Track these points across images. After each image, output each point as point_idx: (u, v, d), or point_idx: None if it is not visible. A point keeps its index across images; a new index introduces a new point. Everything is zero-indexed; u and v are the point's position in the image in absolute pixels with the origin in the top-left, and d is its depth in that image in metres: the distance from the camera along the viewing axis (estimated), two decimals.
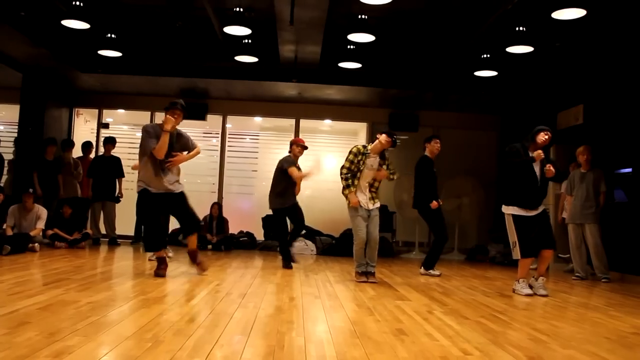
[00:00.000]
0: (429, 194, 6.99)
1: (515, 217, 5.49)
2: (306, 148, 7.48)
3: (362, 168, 6.06)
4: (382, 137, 6.09)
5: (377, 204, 6.17)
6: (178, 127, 5.74)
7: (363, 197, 6.09)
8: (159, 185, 5.60)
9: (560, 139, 9.36)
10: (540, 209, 5.57)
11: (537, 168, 5.56)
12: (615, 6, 6.70)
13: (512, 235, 5.53)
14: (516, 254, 5.49)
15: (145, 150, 5.58)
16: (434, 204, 6.92)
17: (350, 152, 6.16)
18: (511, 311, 4.41)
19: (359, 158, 6.07)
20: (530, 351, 3.03)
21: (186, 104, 5.65)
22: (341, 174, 6.13)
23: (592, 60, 8.27)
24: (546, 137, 5.64)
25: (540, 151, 5.57)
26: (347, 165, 6.09)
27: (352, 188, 6.02)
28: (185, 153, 5.89)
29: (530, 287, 5.52)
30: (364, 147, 6.18)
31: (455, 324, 3.73)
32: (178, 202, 5.75)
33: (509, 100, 10.68)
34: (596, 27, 7.25)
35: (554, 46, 8.11)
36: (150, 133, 5.57)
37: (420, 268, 7.06)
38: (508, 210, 5.55)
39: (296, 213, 7.31)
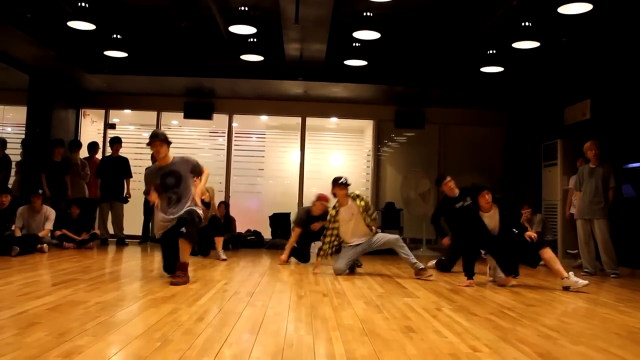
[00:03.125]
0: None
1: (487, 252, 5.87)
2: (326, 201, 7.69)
3: (337, 226, 6.49)
4: (335, 189, 6.51)
5: (374, 232, 6.52)
6: (173, 156, 5.57)
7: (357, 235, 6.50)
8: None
9: (567, 135, 9.34)
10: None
11: (488, 220, 5.82)
12: (621, 0, 6.66)
13: (491, 262, 5.95)
14: (499, 275, 5.88)
15: None
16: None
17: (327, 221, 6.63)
18: (520, 308, 4.40)
19: (333, 219, 6.51)
20: (540, 347, 3.02)
21: (192, 103, 5.62)
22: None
23: (598, 54, 8.23)
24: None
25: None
26: (329, 232, 6.55)
27: (322, 252, 6.56)
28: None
29: (566, 288, 5.65)
30: (333, 208, 6.61)
31: (464, 320, 3.72)
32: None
33: (515, 96, 10.64)
34: (603, 22, 7.21)
35: (561, 41, 8.08)
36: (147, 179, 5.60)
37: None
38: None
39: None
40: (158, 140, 5.45)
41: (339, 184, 6.46)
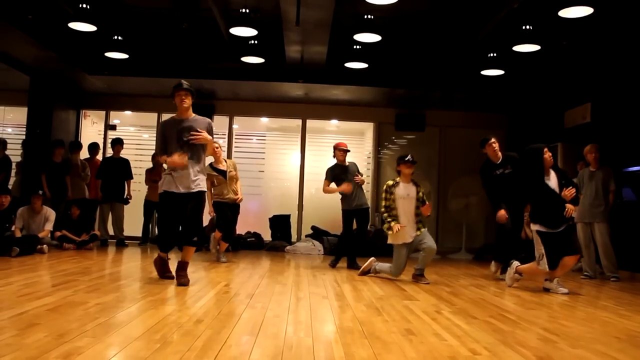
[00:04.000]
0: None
1: (540, 233, 5.59)
2: (347, 151, 7.74)
3: (395, 199, 6.28)
4: (401, 167, 6.37)
5: (424, 230, 6.30)
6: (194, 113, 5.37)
7: (407, 230, 6.23)
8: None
9: (567, 138, 9.34)
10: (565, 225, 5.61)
11: (552, 183, 5.64)
12: (622, 4, 6.67)
13: (539, 248, 5.60)
14: (543, 266, 5.54)
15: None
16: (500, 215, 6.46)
17: (383, 191, 6.47)
18: (520, 311, 4.40)
19: (390, 192, 6.32)
20: (539, 351, 3.02)
21: (193, 105, 5.51)
22: (381, 214, 6.46)
23: (599, 58, 8.23)
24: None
25: None
26: (383, 203, 6.38)
27: (394, 223, 6.21)
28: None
29: (547, 289, 5.68)
30: (393, 180, 6.43)
31: (463, 323, 3.72)
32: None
33: (515, 99, 10.65)
34: (603, 25, 7.22)
35: (561, 44, 8.08)
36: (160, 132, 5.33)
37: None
38: (535, 227, 5.64)
39: (361, 217, 7.53)
40: (183, 89, 5.20)
41: (405, 161, 6.36)
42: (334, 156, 7.72)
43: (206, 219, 10.04)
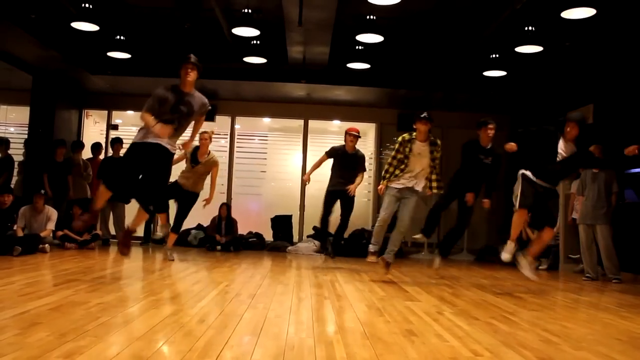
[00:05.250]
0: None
1: (524, 177, 5.54)
2: (357, 137, 7.58)
3: (409, 155, 6.12)
4: (417, 124, 6.18)
5: (419, 188, 6.17)
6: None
7: (406, 181, 6.11)
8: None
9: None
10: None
11: (564, 147, 5.55)
12: (625, 5, 6.67)
13: (517, 189, 5.57)
14: (515, 204, 5.53)
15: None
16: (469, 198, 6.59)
17: (396, 142, 6.25)
18: (521, 312, 4.39)
19: (405, 146, 6.15)
20: (541, 352, 3.01)
21: None
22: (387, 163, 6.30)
23: (601, 59, 8.23)
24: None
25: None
26: (392, 154, 6.22)
27: (383, 182, 6.18)
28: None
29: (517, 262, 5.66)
30: (410, 134, 6.24)
31: (465, 324, 3.71)
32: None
33: (518, 100, 10.64)
34: (606, 27, 7.21)
35: (564, 46, 8.08)
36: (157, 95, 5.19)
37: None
38: (522, 171, 5.59)
39: (343, 200, 7.51)
40: (191, 63, 5.13)
41: (421, 117, 6.16)
42: (344, 140, 7.58)
43: (208, 220, 10.04)
